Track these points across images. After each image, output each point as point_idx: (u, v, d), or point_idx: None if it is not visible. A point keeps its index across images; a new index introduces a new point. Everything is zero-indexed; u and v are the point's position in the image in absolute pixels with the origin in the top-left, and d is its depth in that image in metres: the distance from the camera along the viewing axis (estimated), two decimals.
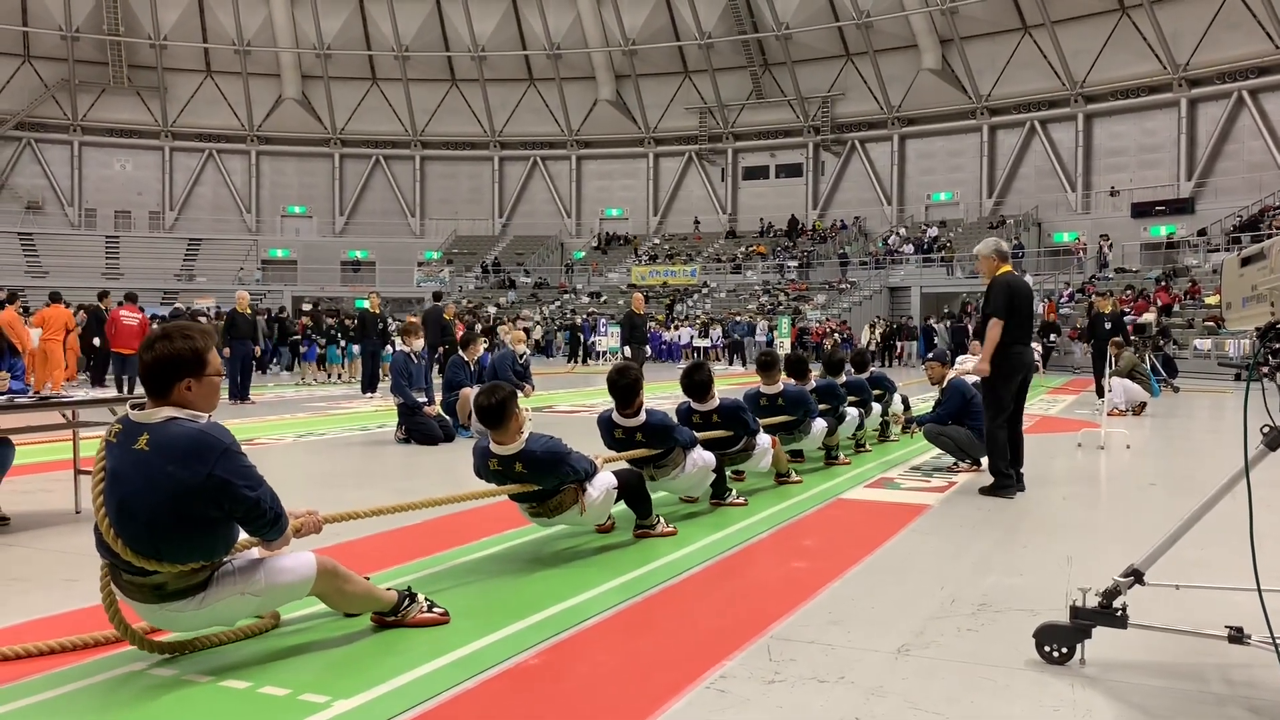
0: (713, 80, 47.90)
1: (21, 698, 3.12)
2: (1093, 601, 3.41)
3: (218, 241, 49.57)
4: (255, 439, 10.08)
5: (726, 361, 33.37)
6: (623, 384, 5.81)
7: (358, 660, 3.51)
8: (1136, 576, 3.39)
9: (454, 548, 5.26)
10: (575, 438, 5.31)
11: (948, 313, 34.77)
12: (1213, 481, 3.33)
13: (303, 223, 51.82)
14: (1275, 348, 3.10)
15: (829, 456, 8.50)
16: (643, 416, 5.82)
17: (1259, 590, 2.99)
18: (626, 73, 49.30)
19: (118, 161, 50.12)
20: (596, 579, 4.59)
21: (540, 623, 3.89)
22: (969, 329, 29.23)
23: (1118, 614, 3.37)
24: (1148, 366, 15.60)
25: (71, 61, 47.47)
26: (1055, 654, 3.45)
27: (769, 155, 49.38)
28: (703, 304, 42.27)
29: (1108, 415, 10.65)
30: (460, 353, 11.30)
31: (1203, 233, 34.66)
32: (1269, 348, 3.12)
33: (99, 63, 48.08)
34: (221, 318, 17.30)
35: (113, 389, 15.84)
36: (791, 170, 48.87)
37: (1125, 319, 18.99)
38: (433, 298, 21.32)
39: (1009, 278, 7.14)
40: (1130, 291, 30.24)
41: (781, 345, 31.63)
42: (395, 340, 18.02)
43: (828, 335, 32.58)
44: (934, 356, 9.25)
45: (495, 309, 41.17)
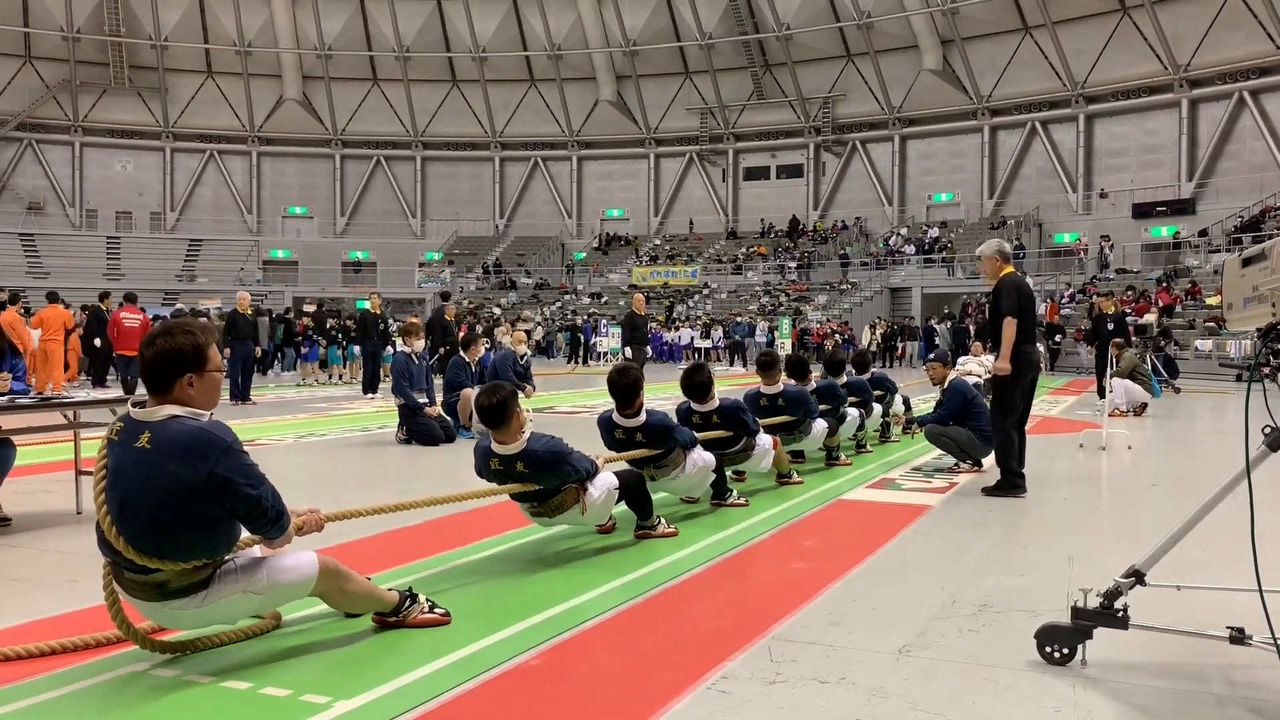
0: (713, 81, 47.91)
1: (23, 698, 3.12)
2: (1094, 602, 3.41)
3: (219, 242, 49.59)
4: (256, 439, 10.08)
5: (727, 362, 33.36)
6: (623, 384, 5.81)
7: (359, 661, 3.51)
8: (1138, 577, 3.39)
9: (455, 548, 5.27)
10: (576, 438, 5.31)
11: (948, 313, 34.76)
12: (1214, 482, 3.33)
13: (304, 223, 51.84)
14: (1276, 348, 3.11)
15: (830, 457, 8.50)
16: (643, 417, 5.82)
17: (1260, 591, 2.99)
18: (627, 73, 49.30)
19: (119, 162, 50.13)
20: (598, 580, 4.59)
21: (541, 623, 3.89)
22: (970, 329, 29.25)
23: (1119, 615, 3.37)
24: (1149, 367, 15.60)
25: (73, 62, 47.51)
26: (1056, 655, 3.45)
27: (770, 156, 49.38)
28: (703, 305, 42.26)
29: (1109, 416, 10.66)
30: (461, 353, 11.30)
31: (1204, 233, 34.64)
32: (1270, 348, 3.12)
33: (100, 63, 48.11)
34: (224, 318, 17.30)
35: (113, 389, 15.85)
36: (792, 171, 48.87)
37: (1126, 320, 18.97)
38: (440, 298, 21.32)
39: (1015, 278, 7.15)
40: (1131, 292, 30.24)
41: (782, 346, 31.61)
42: (396, 341, 18.05)
43: (829, 336, 32.58)
44: (935, 357, 9.25)
45: (499, 310, 41.14)
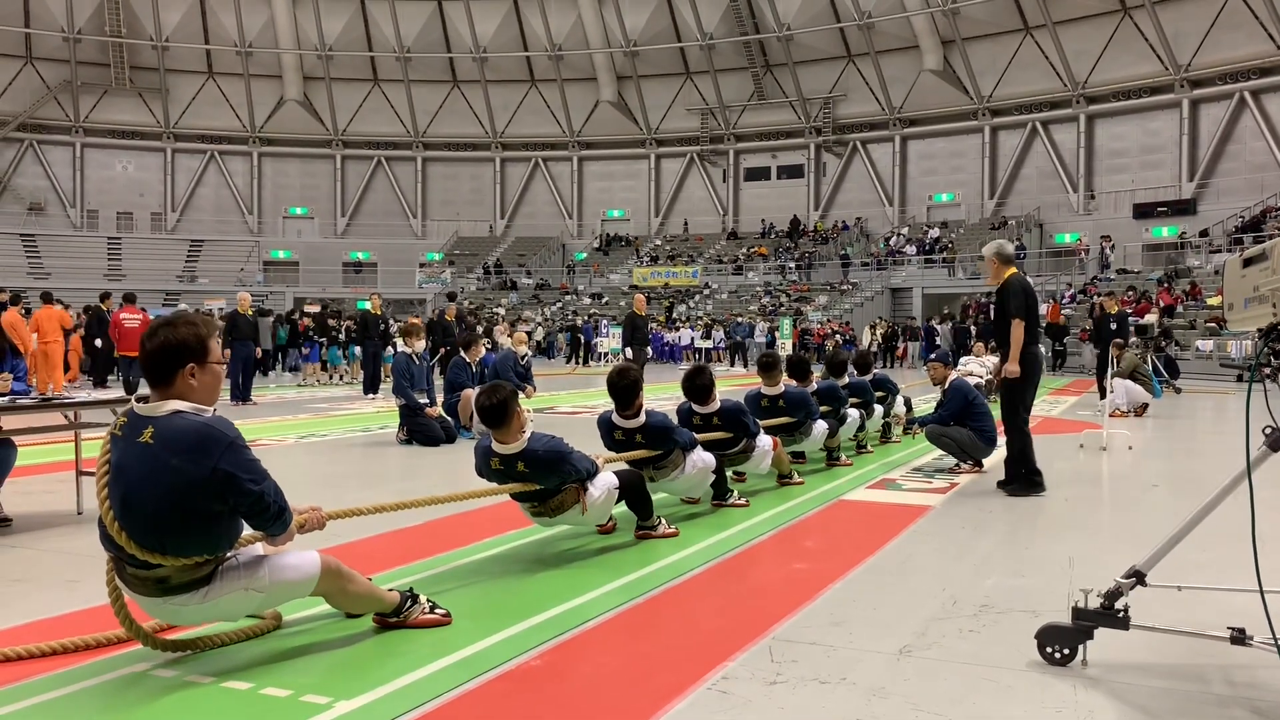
0: (714, 81, 47.90)
1: (24, 698, 3.12)
2: (1095, 602, 3.40)
3: (219, 243, 49.59)
4: (257, 440, 10.07)
5: (728, 363, 33.36)
6: (623, 385, 5.81)
7: (360, 661, 3.51)
8: (1138, 577, 3.39)
9: (456, 548, 5.27)
10: (576, 439, 5.30)
11: (948, 314, 34.74)
12: (1215, 483, 3.33)
13: (304, 224, 51.84)
14: (1277, 348, 3.10)
15: (830, 458, 8.50)
16: (642, 418, 5.82)
17: (1261, 591, 2.99)
18: (628, 74, 49.30)
19: (120, 163, 50.13)
20: (598, 580, 4.59)
21: (542, 624, 3.90)
22: (971, 330, 29.23)
23: (1120, 615, 3.37)
24: (1149, 367, 15.59)
25: (73, 63, 47.50)
26: (1057, 655, 3.45)
27: (770, 156, 49.35)
28: (704, 305, 42.25)
29: (1110, 416, 10.66)
30: (462, 354, 11.30)
31: (1205, 234, 34.62)
32: (1271, 348, 3.12)
33: (101, 64, 48.10)
34: (225, 319, 17.33)
35: (114, 389, 15.84)
36: (793, 171, 48.85)
37: (1128, 320, 18.96)
38: (447, 299, 21.33)
39: (1020, 279, 7.14)
40: (1133, 292, 30.22)
41: (783, 346, 31.61)
42: (397, 341, 18.04)
43: (829, 336, 32.58)
44: (936, 357, 9.26)
45: (503, 311, 41.12)
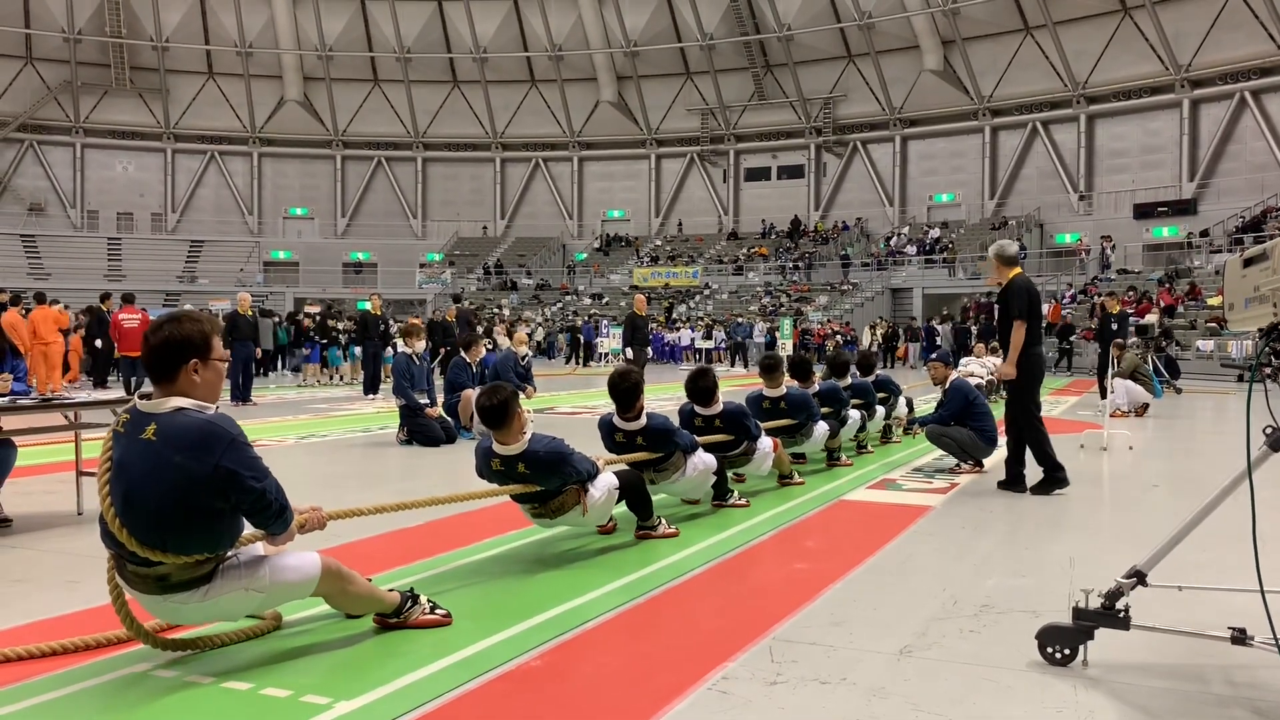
0: (714, 81, 47.90)
1: (24, 699, 3.12)
2: (1095, 603, 3.40)
3: (220, 243, 49.60)
4: (257, 440, 10.00)
5: (729, 363, 33.37)
6: (624, 388, 5.81)
7: (360, 662, 3.51)
8: (1139, 578, 3.39)
9: (456, 549, 5.27)
10: (576, 440, 5.30)
11: (948, 314, 34.74)
12: (1215, 483, 3.33)
13: (304, 224, 51.84)
14: (1278, 348, 3.10)
15: (831, 458, 8.50)
16: (643, 420, 5.82)
17: (1261, 591, 2.99)
18: (628, 74, 49.29)
19: (120, 163, 50.13)
20: (599, 580, 4.59)
21: (542, 624, 3.89)
22: (971, 330, 29.24)
23: (1120, 615, 3.37)
24: (1150, 368, 15.59)
25: (74, 63, 47.51)
26: (1058, 655, 3.45)
27: (771, 156, 49.35)
28: (704, 305, 42.25)
29: (1110, 416, 10.66)
30: (462, 354, 11.30)
31: (1205, 234, 34.60)
32: (1272, 348, 3.12)
33: (101, 65, 48.10)
34: (226, 319, 17.33)
35: (115, 390, 15.85)
36: (793, 171, 48.85)
37: (1129, 320, 18.98)
38: (452, 300, 21.37)
39: (1024, 280, 7.13)
40: (1133, 293, 30.22)
41: (784, 347, 31.61)
42: (397, 342, 18.04)
43: (830, 337, 32.58)
44: (937, 357, 9.27)
45: (505, 311, 41.10)
